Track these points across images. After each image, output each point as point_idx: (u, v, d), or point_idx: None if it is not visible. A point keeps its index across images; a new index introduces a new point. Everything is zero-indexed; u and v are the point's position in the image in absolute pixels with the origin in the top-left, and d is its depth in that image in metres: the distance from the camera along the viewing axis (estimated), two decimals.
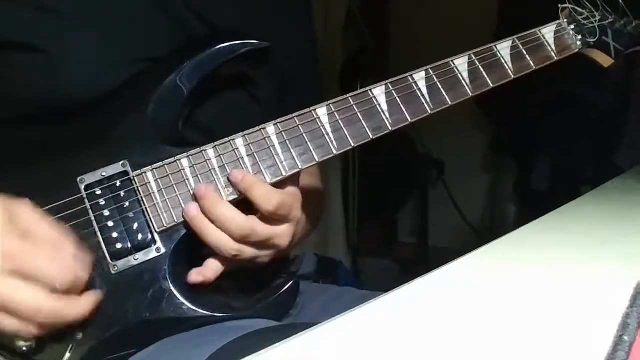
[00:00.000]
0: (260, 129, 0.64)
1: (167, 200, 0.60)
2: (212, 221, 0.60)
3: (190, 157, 0.62)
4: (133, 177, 0.60)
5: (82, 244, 0.56)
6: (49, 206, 0.57)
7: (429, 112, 0.69)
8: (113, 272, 0.58)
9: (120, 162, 0.61)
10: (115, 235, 0.59)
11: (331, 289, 0.88)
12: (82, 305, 0.54)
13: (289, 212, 0.63)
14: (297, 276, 0.77)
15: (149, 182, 0.60)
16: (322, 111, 0.66)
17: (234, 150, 0.63)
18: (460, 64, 0.72)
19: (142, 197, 0.60)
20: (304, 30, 0.85)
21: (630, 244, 0.70)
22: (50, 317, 0.51)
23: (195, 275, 0.62)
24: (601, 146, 2.13)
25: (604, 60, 0.83)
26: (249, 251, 0.62)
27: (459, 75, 0.72)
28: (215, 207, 0.60)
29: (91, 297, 0.55)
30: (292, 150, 0.64)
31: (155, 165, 0.61)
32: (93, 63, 0.63)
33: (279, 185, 0.64)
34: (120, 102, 0.63)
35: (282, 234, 0.64)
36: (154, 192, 0.60)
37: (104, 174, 0.60)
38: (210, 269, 0.62)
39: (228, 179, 0.62)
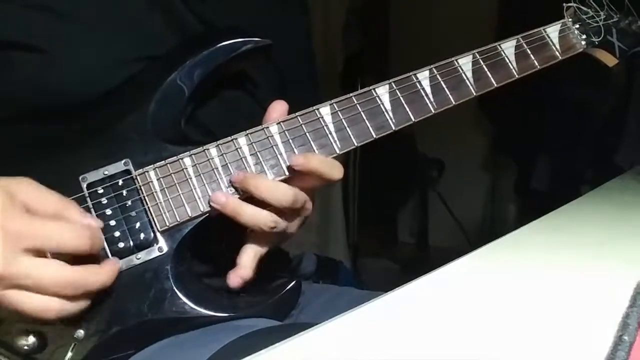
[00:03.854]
0: (263, 128, 0.64)
1: (170, 200, 0.60)
2: (257, 196, 0.61)
3: (192, 156, 0.62)
4: (135, 176, 0.60)
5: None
6: None
7: (433, 111, 0.69)
8: None
9: (123, 161, 0.61)
10: (117, 234, 0.59)
11: (331, 289, 0.87)
12: (105, 271, 0.54)
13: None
14: (298, 276, 0.77)
15: (151, 181, 0.60)
16: (325, 110, 0.66)
17: (236, 149, 0.63)
18: (464, 63, 0.72)
19: (144, 196, 0.60)
20: (301, 30, 0.85)
21: (630, 244, 0.70)
22: (74, 286, 0.51)
23: (235, 278, 0.62)
24: (601, 146, 2.14)
25: (609, 59, 0.83)
26: (283, 222, 0.63)
27: (463, 74, 0.71)
28: (259, 183, 0.61)
29: (112, 263, 0.56)
30: (295, 149, 0.64)
31: (158, 164, 0.61)
32: (93, 62, 0.63)
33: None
34: (122, 101, 0.63)
35: (309, 198, 0.66)
36: (156, 191, 0.60)
37: (106, 172, 0.60)
38: (246, 266, 0.63)
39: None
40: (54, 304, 0.51)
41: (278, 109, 0.65)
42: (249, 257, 0.63)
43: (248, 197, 0.62)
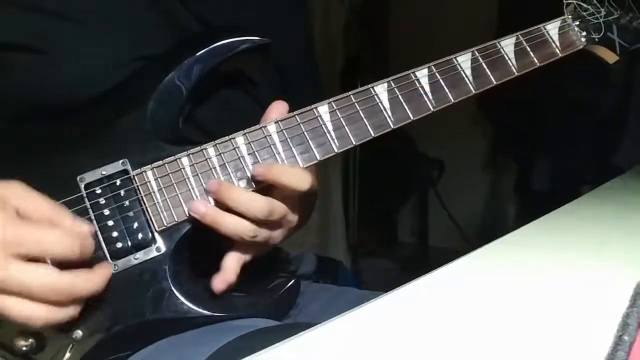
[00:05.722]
0: (261, 127, 0.64)
1: (167, 199, 0.60)
2: (232, 208, 0.60)
3: (190, 155, 0.62)
4: (133, 175, 0.60)
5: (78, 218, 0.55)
6: None
7: (432, 109, 0.69)
8: (113, 272, 0.58)
9: (120, 161, 0.61)
10: (115, 234, 0.59)
11: (331, 289, 0.87)
12: (96, 277, 0.54)
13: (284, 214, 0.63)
14: (297, 276, 0.76)
15: (149, 181, 0.60)
16: (323, 109, 0.65)
17: (234, 148, 0.63)
18: (463, 60, 0.72)
19: (142, 196, 0.60)
20: (301, 30, 0.85)
21: (630, 244, 0.70)
22: (64, 292, 0.51)
23: (219, 283, 0.61)
24: (601, 146, 2.13)
25: (609, 56, 0.82)
26: (264, 232, 0.62)
27: (462, 72, 0.71)
28: (233, 194, 0.60)
29: (104, 269, 0.55)
30: (293, 148, 0.64)
31: (155, 164, 0.61)
32: (92, 62, 0.63)
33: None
34: (120, 101, 0.63)
35: (292, 209, 0.64)
36: (154, 191, 0.60)
37: (103, 172, 0.60)
38: (230, 271, 0.62)
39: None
40: (42, 311, 0.50)
41: (278, 109, 0.65)
42: (232, 261, 0.63)
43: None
